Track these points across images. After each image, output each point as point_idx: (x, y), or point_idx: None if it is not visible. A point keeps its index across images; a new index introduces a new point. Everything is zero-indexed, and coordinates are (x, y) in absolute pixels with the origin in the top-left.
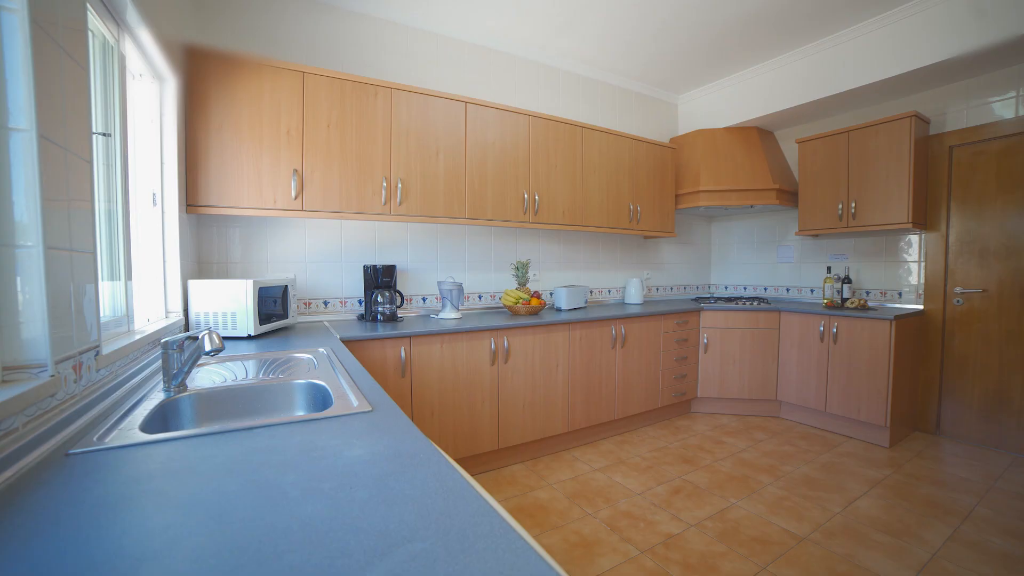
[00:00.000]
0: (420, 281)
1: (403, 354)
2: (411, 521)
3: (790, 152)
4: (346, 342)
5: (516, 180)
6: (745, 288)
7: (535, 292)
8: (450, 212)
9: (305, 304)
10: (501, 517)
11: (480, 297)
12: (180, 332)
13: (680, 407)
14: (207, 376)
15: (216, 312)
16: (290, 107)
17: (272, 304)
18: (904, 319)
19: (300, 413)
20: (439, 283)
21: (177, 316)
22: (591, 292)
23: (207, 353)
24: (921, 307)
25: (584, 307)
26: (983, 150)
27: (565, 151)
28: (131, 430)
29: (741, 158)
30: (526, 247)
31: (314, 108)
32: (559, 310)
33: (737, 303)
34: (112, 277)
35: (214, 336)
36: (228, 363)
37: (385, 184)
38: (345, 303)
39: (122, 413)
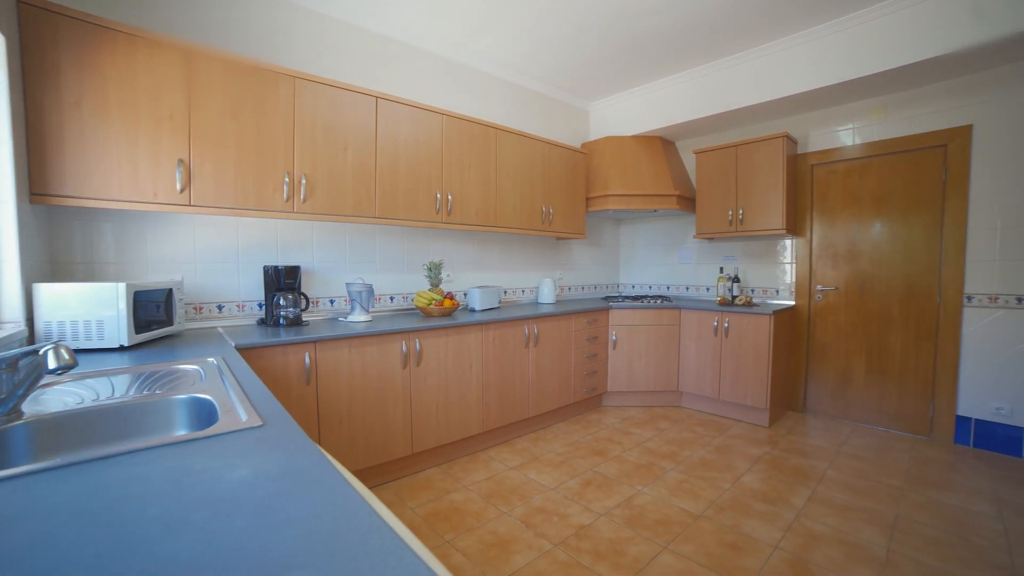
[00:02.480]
0: (327, 283)
1: (308, 360)
2: (294, 546)
3: (689, 161)
4: (242, 350)
5: (429, 179)
6: (650, 287)
7: (448, 293)
8: (359, 211)
9: (196, 309)
10: (394, 533)
11: (392, 299)
12: (19, 346)
13: (592, 402)
14: (59, 398)
15: (76, 320)
16: (172, 88)
17: (154, 309)
18: (780, 313)
19: (180, 433)
20: (347, 285)
21: (16, 327)
22: (505, 292)
23: (53, 371)
24: (793, 303)
25: (498, 307)
26: (834, 170)
27: (479, 152)
28: None
29: (646, 165)
30: (440, 248)
31: (204, 92)
32: (473, 311)
33: (642, 302)
34: None
35: (62, 350)
36: (91, 380)
37: (288, 180)
38: (243, 307)
39: None
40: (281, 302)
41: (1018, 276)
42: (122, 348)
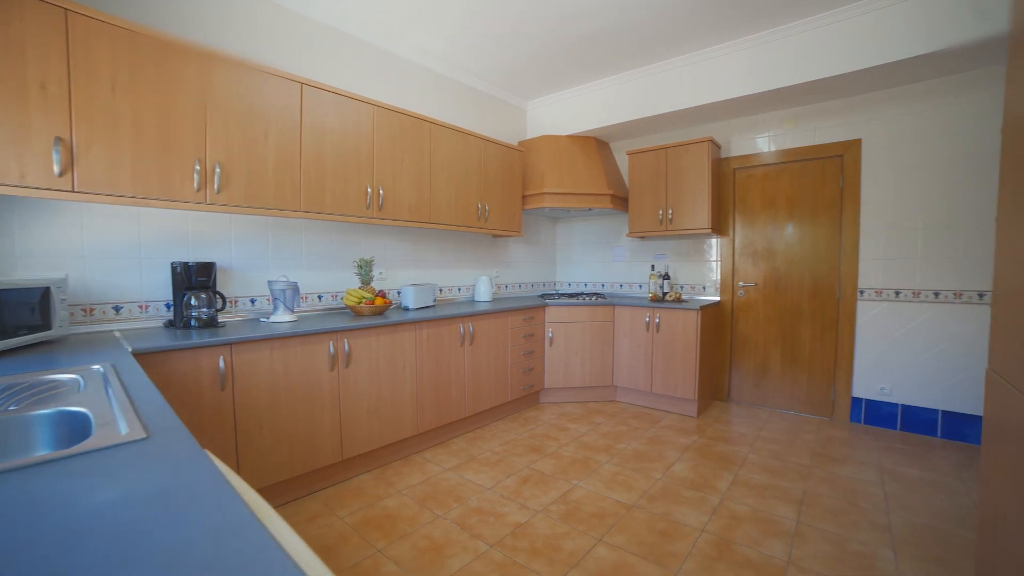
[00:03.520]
0: (248, 281)
1: (222, 364)
2: None
3: (623, 162)
4: (141, 355)
5: (359, 173)
6: (586, 285)
7: (380, 291)
8: (282, 204)
9: (86, 311)
10: (284, 554)
11: (320, 297)
12: None
13: (529, 399)
14: None
15: None
16: (45, 53)
17: (25, 312)
18: (707, 309)
19: (42, 453)
20: (270, 283)
21: None
22: (440, 290)
23: None
24: (718, 298)
25: (433, 305)
26: (752, 174)
27: (413, 146)
28: None
29: (582, 164)
30: (373, 244)
31: (88, 62)
32: (407, 309)
33: (578, 299)
34: None
35: None
36: None
37: (199, 167)
38: (146, 308)
39: None
40: (193, 302)
41: (896, 272)
42: None
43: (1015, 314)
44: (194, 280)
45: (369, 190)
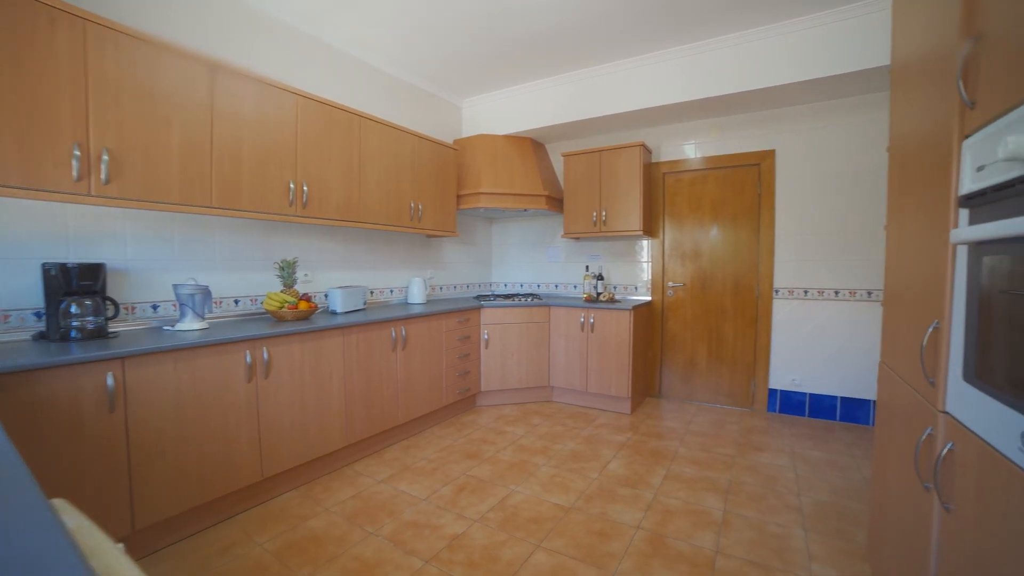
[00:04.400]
0: (149, 284)
1: (111, 381)
2: None
3: (558, 163)
4: None
5: (281, 167)
6: (522, 285)
7: (305, 294)
8: (189, 199)
9: None
10: None
11: (237, 302)
12: None
13: (465, 403)
14: None
15: None
16: None
17: None
18: (639, 308)
19: None
20: (176, 287)
21: None
22: (371, 293)
23: None
24: (650, 298)
25: (363, 309)
26: (681, 179)
27: (341, 140)
28: None
29: (518, 165)
30: (298, 244)
31: None
32: (334, 313)
33: (514, 300)
34: None
35: None
36: None
37: (79, 153)
38: (7, 318)
39: None
40: (73, 309)
41: (805, 273)
42: None
43: (899, 314)
44: (75, 284)
45: (292, 186)
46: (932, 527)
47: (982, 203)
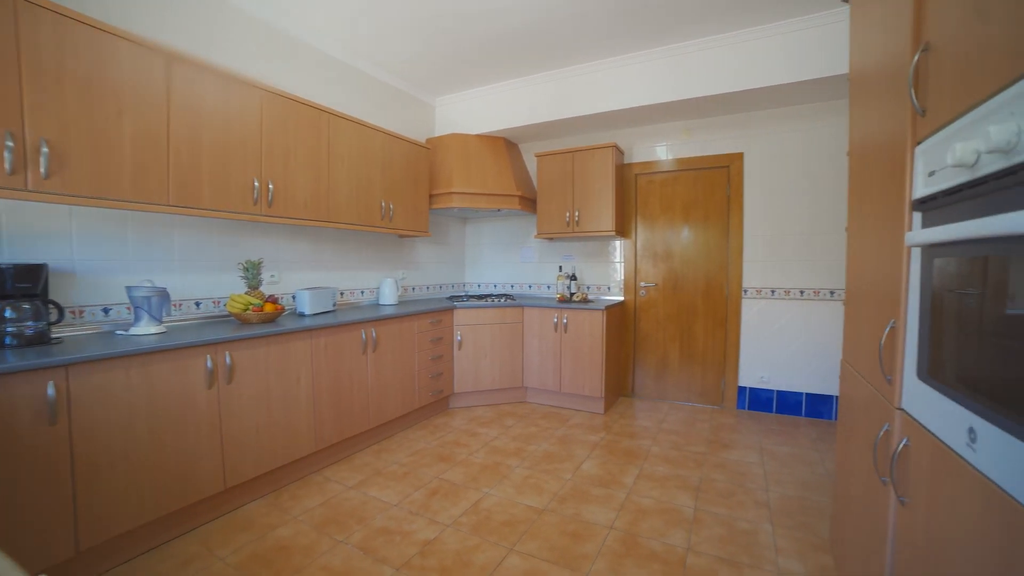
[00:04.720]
0: (100, 286)
1: (52, 392)
2: None
3: (531, 163)
4: None
5: (244, 164)
6: (496, 286)
7: (271, 296)
8: (143, 195)
9: None
10: None
11: (198, 304)
12: None
13: (438, 405)
14: None
15: None
16: None
17: None
18: (612, 308)
19: None
20: (129, 289)
21: None
22: (341, 294)
23: None
24: (622, 298)
25: (333, 311)
26: (653, 180)
27: (309, 138)
28: None
29: (491, 165)
30: (262, 244)
31: None
32: (302, 315)
33: (487, 300)
34: None
35: None
36: None
37: (13, 143)
38: None
39: None
40: (8, 314)
41: (772, 273)
42: None
43: (859, 313)
44: (10, 286)
45: (257, 184)
46: (889, 519)
47: (934, 207)
